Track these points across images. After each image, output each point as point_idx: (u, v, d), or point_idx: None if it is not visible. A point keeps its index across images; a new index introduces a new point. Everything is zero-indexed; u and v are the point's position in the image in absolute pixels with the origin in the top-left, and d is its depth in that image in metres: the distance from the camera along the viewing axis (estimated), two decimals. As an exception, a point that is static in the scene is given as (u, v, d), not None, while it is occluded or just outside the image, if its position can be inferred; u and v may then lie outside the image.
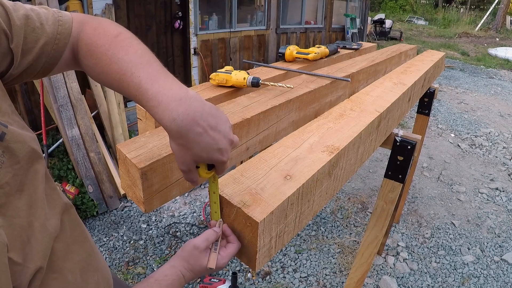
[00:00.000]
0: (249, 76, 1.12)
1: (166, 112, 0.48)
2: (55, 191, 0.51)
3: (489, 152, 3.98)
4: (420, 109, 2.13)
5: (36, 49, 0.51)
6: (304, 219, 0.72)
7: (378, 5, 23.59)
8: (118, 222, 2.54)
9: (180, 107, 0.48)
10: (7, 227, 0.39)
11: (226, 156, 0.53)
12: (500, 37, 14.53)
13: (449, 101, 5.80)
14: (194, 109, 0.48)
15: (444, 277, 2.17)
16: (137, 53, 0.53)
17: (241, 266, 2.16)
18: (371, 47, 2.24)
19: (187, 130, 0.48)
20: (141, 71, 0.50)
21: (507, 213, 2.84)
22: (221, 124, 0.51)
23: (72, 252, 0.52)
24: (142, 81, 0.50)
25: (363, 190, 3.08)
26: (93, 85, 3.11)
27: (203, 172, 0.57)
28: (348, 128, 0.90)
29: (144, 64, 0.51)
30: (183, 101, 0.48)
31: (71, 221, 0.54)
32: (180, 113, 0.48)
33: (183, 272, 0.60)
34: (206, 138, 0.49)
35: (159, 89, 0.49)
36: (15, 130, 0.43)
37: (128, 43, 0.53)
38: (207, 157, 0.51)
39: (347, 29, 7.90)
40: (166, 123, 0.48)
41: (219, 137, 0.51)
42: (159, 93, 0.49)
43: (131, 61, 0.51)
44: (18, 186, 0.42)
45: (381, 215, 1.32)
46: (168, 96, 0.48)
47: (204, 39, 4.83)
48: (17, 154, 0.42)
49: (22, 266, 0.40)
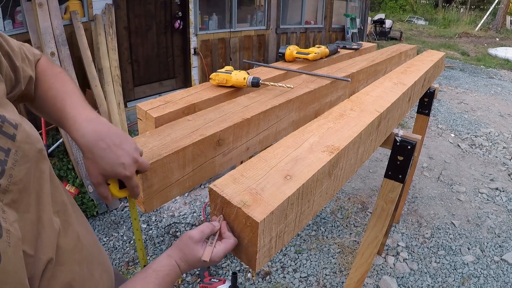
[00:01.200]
0: (249, 76, 1.12)
1: (79, 130, 0.59)
2: (58, 189, 0.54)
3: (489, 152, 3.98)
4: (420, 109, 2.13)
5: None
6: (304, 219, 0.72)
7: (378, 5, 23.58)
8: (118, 222, 2.54)
9: (90, 126, 0.60)
10: (20, 221, 0.42)
11: (129, 171, 0.61)
12: (500, 37, 14.53)
13: (449, 101, 5.80)
14: (101, 129, 0.60)
15: (444, 277, 2.17)
16: (69, 87, 0.66)
17: (241, 266, 2.16)
18: (371, 47, 2.25)
19: (93, 145, 0.59)
20: (68, 100, 0.63)
21: (507, 213, 2.84)
22: (125, 144, 0.61)
23: (78, 246, 0.54)
24: (67, 106, 0.62)
25: (363, 190, 3.08)
26: (93, 85, 3.11)
27: (114, 189, 0.64)
28: (348, 128, 0.90)
29: (71, 95, 0.65)
30: (93, 122, 0.61)
31: (74, 217, 0.56)
32: (89, 130, 0.59)
33: (179, 262, 0.61)
34: (109, 153, 0.59)
35: (77, 113, 0.62)
36: (24, 130, 0.47)
37: (66, 79, 0.68)
38: (111, 171, 0.60)
39: (347, 29, 7.90)
40: (78, 138, 0.59)
41: (122, 154, 0.60)
42: (76, 115, 0.61)
43: (64, 91, 0.65)
44: (29, 184, 0.45)
45: (381, 215, 1.32)
46: (82, 118, 0.61)
47: (204, 39, 4.83)
48: (27, 153, 0.46)
49: (34, 258, 0.43)
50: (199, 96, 1.07)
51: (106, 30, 3.44)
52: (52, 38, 2.77)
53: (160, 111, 0.93)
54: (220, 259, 0.61)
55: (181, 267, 0.61)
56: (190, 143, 0.78)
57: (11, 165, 0.42)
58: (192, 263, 0.61)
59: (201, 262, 0.61)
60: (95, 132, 0.59)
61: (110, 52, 3.38)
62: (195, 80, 4.89)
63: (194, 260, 0.61)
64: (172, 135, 0.82)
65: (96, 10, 3.51)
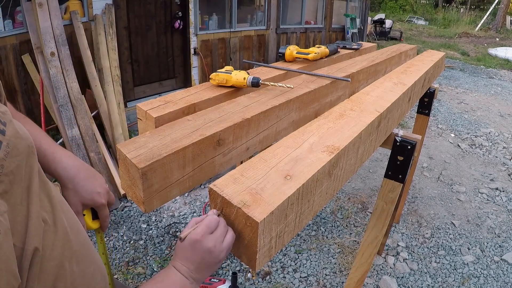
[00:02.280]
0: (249, 76, 1.12)
1: (60, 164, 0.72)
2: (47, 185, 0.54)
3: (489, 152, 3.98)
4: (420, 109, 2.13)
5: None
6: (304, 219, 0.72)
7: (378, 5, 23.58)
8: (118, 222, 2.54)
9: (69, 160, 0.74)
10: (10, 213, 0.42)
11: (104, 199, 0.75)
12: (500, 37, 14.53)
13: (449, 101, 5.80)
14: (78, 163, 0.75)
15: (444, 277, 2.17)
16: (40, 130, 0.77)
17: (241, 266, 2.16)
18: (371, 47, 2.24)
19: (74, 176, 0.72)
20: (43, 139, 0.74)
21: (507, 213, 2.84)
22: (97, 176, 0.77)
23: (67, 244, 0.53)
24: (43, 144, 0.73)
25: (363, 190, 3.08)
26: (93, 85, 3.11)
27: (88, 219, 0.75)
28: (348, 128, 0.90)
29: (44, 136, 0.76)
30: (71, 157, 0.75)
31: (63, 214, 0.56)
32: (69, 164, 0.73)
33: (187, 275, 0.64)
34: (88, 183, 0.73)
35: (54, 150, 0.74)
36: (13, 127, 0.47)
37: (34, 124, 0.78)
38: (90, 199, 0.73)
39: (347, 29, 7.90)
40: (59, 171, 0.71)
41: (97, 184, 0.75)
42: (55, 152, 0.73)
43: (37, 132, 0.75)
44: (20, 177, 0.46)
45: (381, 215, 1.32)
46: (61, 154, 0.74)
47: (204, 39, 4.83)
48: (18, 147, 0.47)
49: (22, 250, 0.44)
50: (199, 96, 1.07)
51: (106, 30, 3.44)
52: (52, 38, 2.77)
53: (160, 111, 0.93)
54: (229, 247, 0.60)
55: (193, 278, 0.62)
56: (190, 143, 0.78)
57: (3, 156, 0.43)
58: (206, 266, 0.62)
59: (208, 252, 0.60)
60: (74, 166, 0.73)
61: (110, 52, 3.38)
62: (195, 80, 4.89)
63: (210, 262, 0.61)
64: (172, 135, 0.82)
65: (96, 10, 3.51)
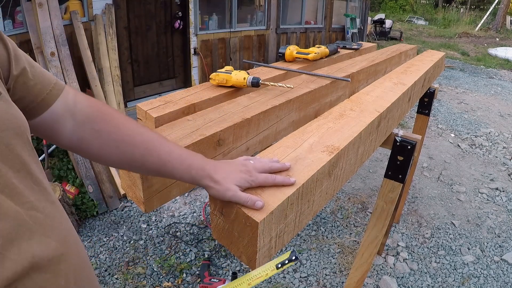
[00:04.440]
0: (249, 76, 1.12)
1: (214, 176, 0.63)
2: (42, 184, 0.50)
3: (489, 152, 3.98)
4: (420, 109, 2.13)
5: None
6: (304, 219, 0.72)
7: (378, 5, 23.57)
8: (118, 222, 2.54)
9: (218, 165, 0.66)
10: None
11: None
12: (500, 37, 14.52)
13: (449, 101, 5.80)
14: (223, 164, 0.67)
15: (444, 277, 2.17)
16: (155, 134, 0.67)
17: (241, 266, 2.16)
18: (371, 47, 2.24)
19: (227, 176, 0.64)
20: (175, 150, 0.65)
21: (507, 213, 2.84)
22: None
23: (62, 257, 0.47)
24: (185, 158, 0.65)
25: (363, 190, 3.08)
26: (93, 85, 3.11)
27: None
28: (348, 128, 0.90)
29: (168, 143, 0.66)
30: (214, 163, 0.67)
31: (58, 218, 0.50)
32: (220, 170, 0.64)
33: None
34: None
35: (197, 162, 0.65)
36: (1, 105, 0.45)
37: (141, 125, 0.67)
38: None
39: (347, 29, 7.90)
40: (217, 187, 0.62)
41: None
42: (204, 165, 0.65)
43: (162, 141, 0.65)
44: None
45: (381, 215, 1.32)
46: (208, 165, 0.65)
47: (204, 39, 4.83)
48: (4, 122, 0.45)
49: None
50: (199, 96, 1.07)
51: (106, 30, 3.44)
52: (52, 38, 2.77)
53: (160, 111, 0.93)
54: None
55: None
56: (190, 143, 0.78)
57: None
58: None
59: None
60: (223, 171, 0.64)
61: (110, 52, 3.38)
62: (195, 80, 4.89)
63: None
64: (172, 135, 0.82)
65: (96, 10, 3.51)
